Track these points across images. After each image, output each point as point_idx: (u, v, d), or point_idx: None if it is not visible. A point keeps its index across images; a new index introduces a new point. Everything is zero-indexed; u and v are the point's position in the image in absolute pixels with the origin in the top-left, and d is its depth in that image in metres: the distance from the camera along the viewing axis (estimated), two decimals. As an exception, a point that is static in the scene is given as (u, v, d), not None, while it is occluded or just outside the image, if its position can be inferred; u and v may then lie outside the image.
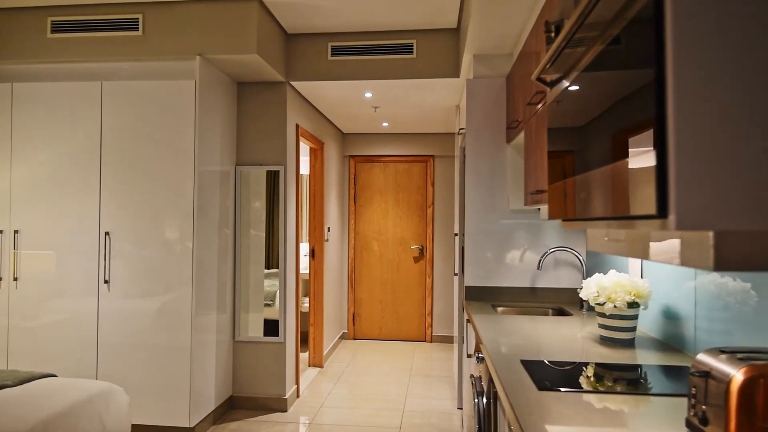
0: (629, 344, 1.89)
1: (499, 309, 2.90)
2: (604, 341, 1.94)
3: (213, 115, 3.35)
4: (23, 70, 3.31)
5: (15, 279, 3.23)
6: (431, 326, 5.74)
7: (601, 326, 1.96)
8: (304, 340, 5.69)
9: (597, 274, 2.01)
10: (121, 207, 3.19)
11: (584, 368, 1.58)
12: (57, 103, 3.24)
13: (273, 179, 3.73)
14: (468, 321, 2.99)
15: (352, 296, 5.83)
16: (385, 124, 5.28)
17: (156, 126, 3.17)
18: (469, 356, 2.97)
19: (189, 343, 3.09)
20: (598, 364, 1.62)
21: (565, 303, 2.92)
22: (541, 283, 3.02)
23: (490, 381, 1.81)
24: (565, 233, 3.00)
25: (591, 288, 1.97)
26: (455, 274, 3.86)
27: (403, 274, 5.79)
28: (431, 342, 5.74)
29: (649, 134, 0.78)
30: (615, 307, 1.88)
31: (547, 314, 2.87)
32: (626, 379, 1.49)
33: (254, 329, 3.72)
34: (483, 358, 2.06)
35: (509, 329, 2.14)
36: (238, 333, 3.72)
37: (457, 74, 3.55)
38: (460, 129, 3.40)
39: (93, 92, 3.22)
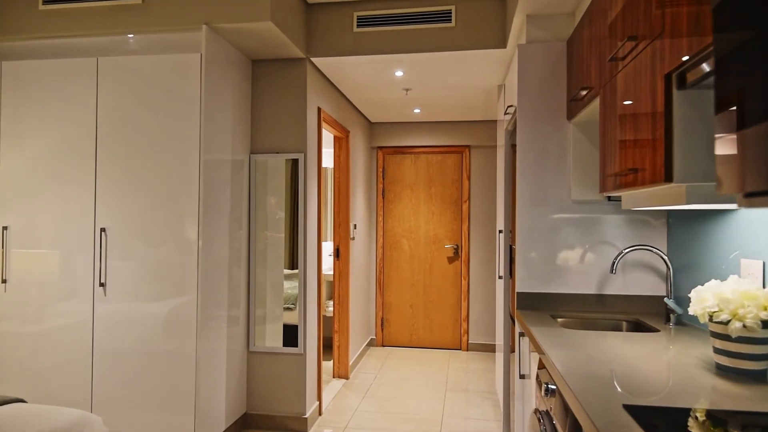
0: (761, 378, 1.38)
1: (560, 320, 2.39)
2: (725, 372, 1.43)
3: (223, 96, 2.94)
4: (12, 47, 2.96)
5: (3, 281, 2.88)
6: (467, 333, 5.23)
7: (720, 351, 1.44)
8: (328, 346, 5.26)
9: (713, 281, 1.50)
10: (119, 200, 2.80)
11: (727, 421, 1.08)
12: (49, 82, 2.87)
13: (294, 169, 3.30)
14: (522, 334, 2.49)
15: (380, 299, 5.37)
16: (416, 111, 4.80)
17: (157, 107, 2.77)
18: (522, 377, 2.47)
19: (194, 354, 2.69)
20: (738, 414, 1.11)
21: (641, 314, 2.39)
22: (610, 289, 2.49)
23: (574, 428, 1.32)
24: (639, 229, 2.47)
25: (707, 300, 1.45)
26: (499, 277, 3.36)
27: (436, 275, 5.30)
28: (467, 350, 5.24)
29: None
30: (744, 327, 1.36)
31: (620, 328, 2.35)
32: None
33: (272, 338, 3.29)
34: (555, 391, 1.57)
35: (586, 350, 1.64)
36: (252, 343, 3.30)
37: (503, 44, 3.04)
38: (507, 107, 2.90)
39: (88, 69, 2.84)
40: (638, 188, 1.54)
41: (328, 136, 5.32)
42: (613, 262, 2.18)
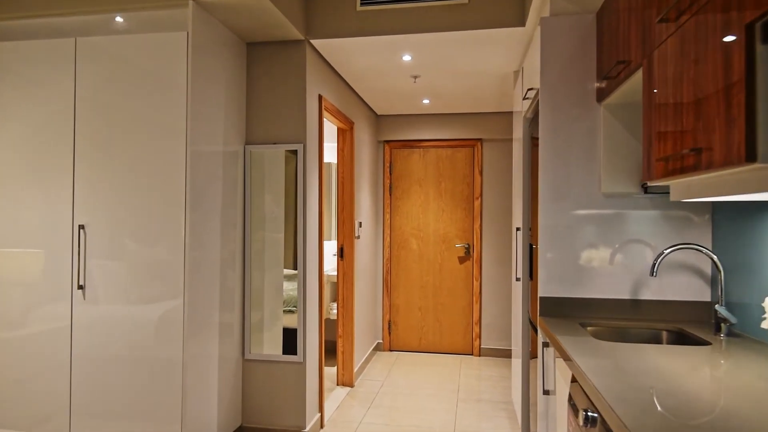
0: None
1: (590, 328, 2.11)
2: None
3: (214, 81, 2.68)
4: (-13, 27, 2.72)
5: (-26, 282, 2.64)
6: (479, 337, 4.95)
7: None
8: (332, 351, 5.00)
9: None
10: (99, 195, 2.55)
11: None
12: (22, 66, 2.63)
13: (294, 162, 3.04)
14: (546, 344, 2.21)
15: (387, 302, 5.10)
16: (425, 102, 4.52)
17: (140, 93, 2.51)
18: (546, 392, 2.19)
19: (180, 362, 2.43)
20: None
21: (683, 322, 2.10)
22: (645, 294, 2.20)
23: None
24: (679, 226, 2.18)
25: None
26: (516, 279, 3.07)
27: (446, 276, 5.02)
28: (479, 356, 4.95)
29: None
30: (844, 346, 1.08)
31: (660, 339, 2.06)
32: None
33: (270, 344, 3.03)
34: (596, 420, 1.29)
35: (632, 369, 1.36)
36: (248, 350, 3.04)
37: (521, 21, 2.76)
38: (527, 91, 2.62)
39: (65, 51, 2.59)
40: (701, 173, 1.25)
41: (331, 129, 5.06)
42: (654, 264, 1.89)
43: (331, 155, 5.31)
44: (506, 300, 4.91)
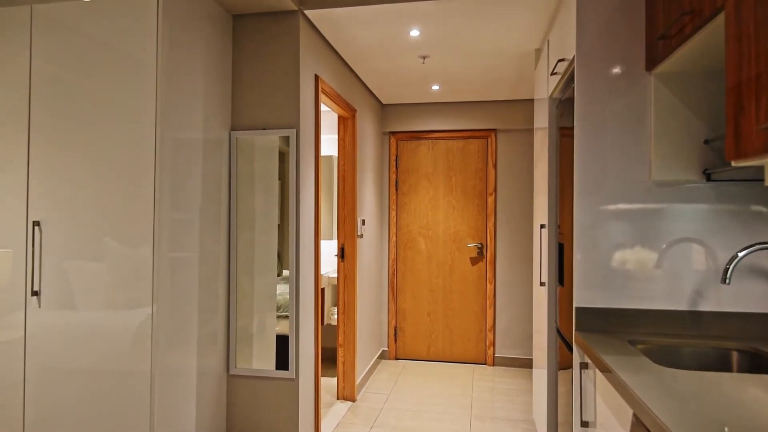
0: None
1: (640, 346, 1.72)
2: None
3: (192, 57, 2.31)
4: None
5: None
6: (493, 345, 4.55)
7: None
8: (332, 359, 4.62)
9: None
10: (57, 188, 2.19)
11: None
12: (-29, 37, 2.27)
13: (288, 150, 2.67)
14: (584, 366, 1.81)
15: (393, 306, 4.71)
16: (435, 88, 4.13)
17: (104, 70, 2.15)
18: (585, 424, 1.80)
19: (149, 377, 2.06)
20: None
21: (758, 339, 1.70)
22: (707, 305, 1.81)
23: None
24: (749, 221, 1.78)
25: None
26: (541, 284, 2.68)
27: (457, 278, 4.62)
28: (493, 365, 4.55)
29: None
30: None
31: (728, 360, 1.66)
32: None
33: (260, 357, 2.66)
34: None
35: (725, 414, 0.97)
36: (233, 364, 2.67)
37: (549, -17, 2.37)
38: (557, 63, 2.23)
39: (20, 22, 2.23)
40: None
41: (331, 119, 4.68)
42: (727, 268, 1.49)
43: (332, 147, 4.94)
44: (523, 305, 4.51)
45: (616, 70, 1.87)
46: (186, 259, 2.28)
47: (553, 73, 2.34)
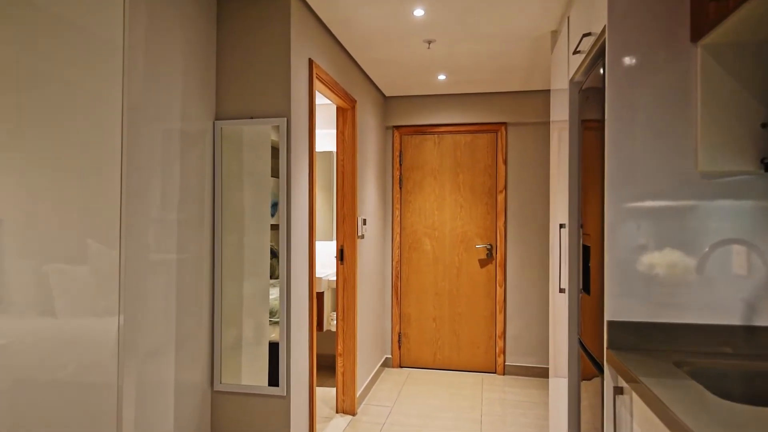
0: None
1: (686, 368, 1.45)
2: None
3: (168, 36, 2.05)
4: None
5: None
6: (503, 353, 4.27)
7: None
8: (331, 367, 4.36)
9: None
10: (17, 183, 1.93)
11: None
12: None
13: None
14: (619, 391, 1.54)
15: (397, 311, 4.45)
16: (441, 78, 3.86)
17: (61, 49, 1.89)
18: (620, 461, 1.52)
19: (115, 391, 1.81)
20: None
21: (830, 362, 1.42)
22: (763, 319, 1.53)
23: None
24: (815, 219, 1.50)
25: None
26: (560, 290, 2.41)
27: (464, 282, 4.35)
28: (503, 374, 4.27)
29: None
30: None
31: (797, 387, 1.38)
32: None
33: (251, 370, 2.40)
34: None
35: None
36: (218, 378, 2.41)
37: (571, -50, 2.09)
38: (582, 37, 1.95)
39: (-27, -6, 1.98)
40: None
41: (329, 112, 4.42)
42: (801, 277, 1.22)
43: (330, 142, 4.68)
44: (536, 310, 4.23)
45: (655, 41, 1.59)
46: (162, 263, 2.02)
47: (575, 52, 2.06)
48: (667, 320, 1.57)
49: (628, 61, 1.61)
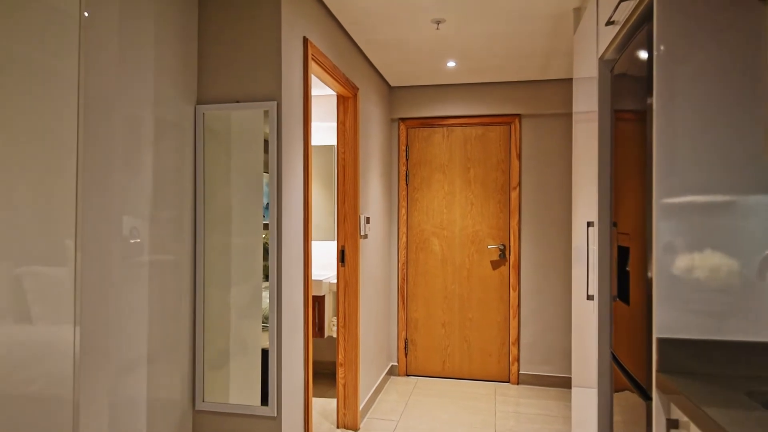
0: None
1: (763, 399, 1.16)
2: None
3: (138, 6, 1.79)
4: None
5: None
6: (517, 361, 3.98)
7: None
8: (331, 375, 4.08)
9: None
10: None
11: None
12: None
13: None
14: (673, 425, 1.25)
15: (403, 316, 4.17)
16: (450, 65, 3.57)
17: (7, 14, 1.63)
18: None
19: (71, 405, 1.55)
20: None
21: None
22: None
23: None
24: None
25: None
26: (588, 297, 2.12)
27: (475, 285, 4.06)
28: (517, 384, 3.98)
29: None
30: None
31: None
32: None
33: (240, 384, 2.14)
34: None
35: None
36: (199, 396, 2.14)
37: None
38: (619, 3, 1.66)
39: None
40: None
41: (330, 103, 4.14)
42: None
43: (330, 136, 4.40)
44: (553, 315, 3.93)
45: (713, 9, 1.30)
46: (133, 266, 1.76)
47: (609, 23, 1.77)
48: (733, 338, 1.28)
49: (681, 24, 1.32)
